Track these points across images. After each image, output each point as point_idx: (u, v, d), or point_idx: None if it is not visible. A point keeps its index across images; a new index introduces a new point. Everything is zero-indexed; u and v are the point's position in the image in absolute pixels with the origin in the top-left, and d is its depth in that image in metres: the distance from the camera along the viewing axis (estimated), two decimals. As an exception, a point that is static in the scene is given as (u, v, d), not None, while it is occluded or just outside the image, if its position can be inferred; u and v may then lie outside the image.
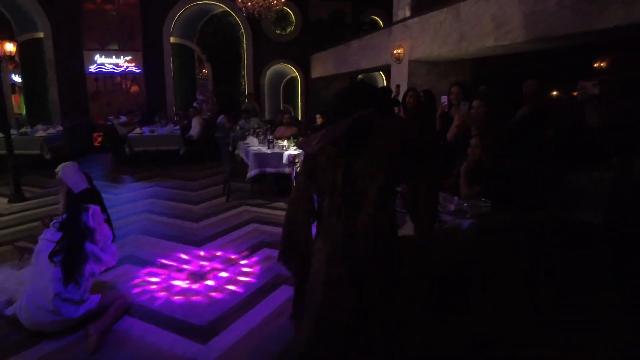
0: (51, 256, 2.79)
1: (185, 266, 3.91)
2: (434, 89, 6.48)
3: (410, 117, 4.64)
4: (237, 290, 3.44)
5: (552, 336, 2.45)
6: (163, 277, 3.70)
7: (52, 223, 3.00)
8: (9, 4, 10.66)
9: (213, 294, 3.39)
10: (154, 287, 3.52)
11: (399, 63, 7.71)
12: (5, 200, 6.23)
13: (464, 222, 2.58)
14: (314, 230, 1.89)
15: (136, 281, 3.62)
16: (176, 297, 3.34)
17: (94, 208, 3.12)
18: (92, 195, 3.33)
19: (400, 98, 5.38)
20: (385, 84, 12.80)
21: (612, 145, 2.46)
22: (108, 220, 4.39)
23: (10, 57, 5.83)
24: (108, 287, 3.46)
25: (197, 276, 3.70)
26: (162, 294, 3.40)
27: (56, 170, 3.52)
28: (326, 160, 1.72)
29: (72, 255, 2.84)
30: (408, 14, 7.67)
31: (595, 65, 9.45)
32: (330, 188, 1.71)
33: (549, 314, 2.64)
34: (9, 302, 3.01)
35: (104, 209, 3.34)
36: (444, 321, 2.26)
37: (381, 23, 13.09)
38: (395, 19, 8.06)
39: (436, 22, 7.00)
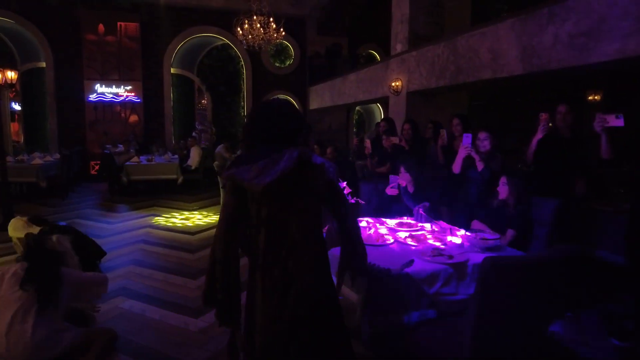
0: (22, 284, 2.56)
1: (179, 300, 3.77)
2: (433, 119, 6.54)
3: (410, 148, 4.63)
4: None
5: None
6: (157, 310, 3.55)
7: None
8: (13, 34, 10.86)
9: (209, 330, 3.24)
10: (146, 321, 3.37)
11: (397, 95, 7.80)
12: (-4, 229, 6.08)
13: (472, 256, 2.50)
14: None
15: (128, 315, 3.47)
16: (170, 333, 3.20)
17: (57, 236, 2.97)
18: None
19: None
20: (382, 115, 12.95)
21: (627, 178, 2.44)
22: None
23: (10, 85, 5.83)
24: (96, 321, 3.30)
25: (192, 310, 3.56)
26: (154, 328, 3.25)
27: None
28: (252, 194, 1.64)
29: (45, 279, 2.67)
30: (405, 47, 7.83)
31: (589, 98, 9.65)
32: (262, 223, 1.66)
33: None
34: None
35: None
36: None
37: (377, 57, 13.38)
38: (393, 52, 8.22)
39: (433, 55, 7.13)
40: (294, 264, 1.65)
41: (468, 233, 2.81)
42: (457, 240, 2.75)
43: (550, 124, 3.62)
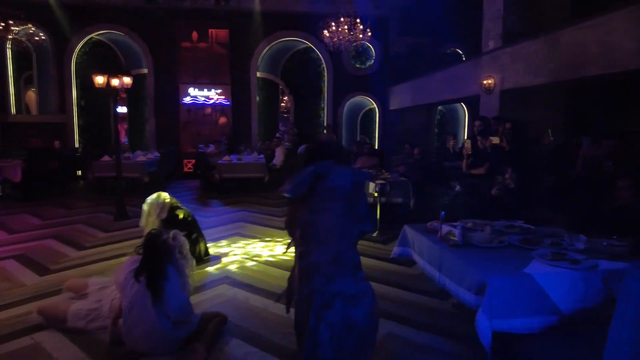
0: (136, 275, 2.87)
1: (279, 290, 3.92)
2: (527, 118, 6.18)
3: (511, 149, 4.42)
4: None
5: None
6: (259, 299, 3.74)
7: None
8: (122, 45, 12.17)
9: (311, 320, 3.34)
10: (250, 308, 3.57)
11: (489, 94, 7.47)
12: (111, 217, 6.80)
13: (601, 262, 2.33)
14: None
15: (233, 302, 3.70)
16: (273, 321, 3.35)
17: (175, 232, 3.20)
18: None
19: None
20: (466, 115, 12.47)
21: None
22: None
23: (127, 90, 6.50)
24: (205, 307, 3.56)
25: (294, 301, 3.69)
26: (259, 316, 3.43)
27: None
28: (297, 201, 2.07)
29: (153, 272, 2.89)
30: (499, 44, 7.48)
31: None
32: (299, 222, 2.05)
33: None
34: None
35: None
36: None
37: (462, 55, 12.91)
38: (484, 49, 7.90)
39: (530, 51, 6.74)
40: (316, 257, 1.95)
41: (592, 239, 2.62)
42: (580, 246, 2.57)
43: None
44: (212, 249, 5.13)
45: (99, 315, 3.15)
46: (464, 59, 12.44)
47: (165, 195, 4.52)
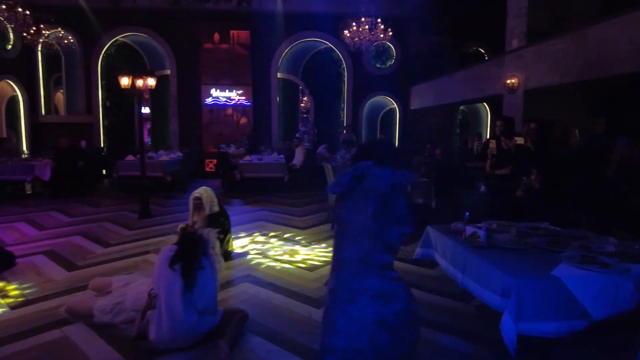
0: (171, 263, 2.94)
1: (300, 289, 3.95)
2: (552, 119, 6.02)
3: (536, 149, 4.32)
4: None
5: None
6: (281, 298, 3.77)
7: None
8: (146, 47, 12.43)
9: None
10: (272, 307, 3.60)
11: (513, 93, 7.34)
12: (135, 215, 6.95)
13: (634, 266, 2.26)
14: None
15: (255, 300, 3.73)
16: (295, 320, 3.36)
17: (208, 229, 3.27)
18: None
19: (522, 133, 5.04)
20: (489, 115, 12.27)
21: None
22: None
23: (151, 91, 6.63)
24: (228, 304, 3.60)
25: (314, 301, 3.71)
26: (281, 315, 3.45)
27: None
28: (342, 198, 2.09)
29: (189, 261, 2.96)
30: (523, 43, 7.33)
31: None
32: (337, 220, 2.10)
33: None
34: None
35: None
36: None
37: (484, 54, 12.71)
38: (508, 48, 7.76)
39: (556, 50, 6.58)
40: (346, 253, 1.99)
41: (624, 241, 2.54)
42: (610, 248, 2.50)
43: None
44: (234, 248, 5.20)
45: (122, 309, 3.24)
46: (486, 58, 12.24)
47: (210, 189, 4.77)
